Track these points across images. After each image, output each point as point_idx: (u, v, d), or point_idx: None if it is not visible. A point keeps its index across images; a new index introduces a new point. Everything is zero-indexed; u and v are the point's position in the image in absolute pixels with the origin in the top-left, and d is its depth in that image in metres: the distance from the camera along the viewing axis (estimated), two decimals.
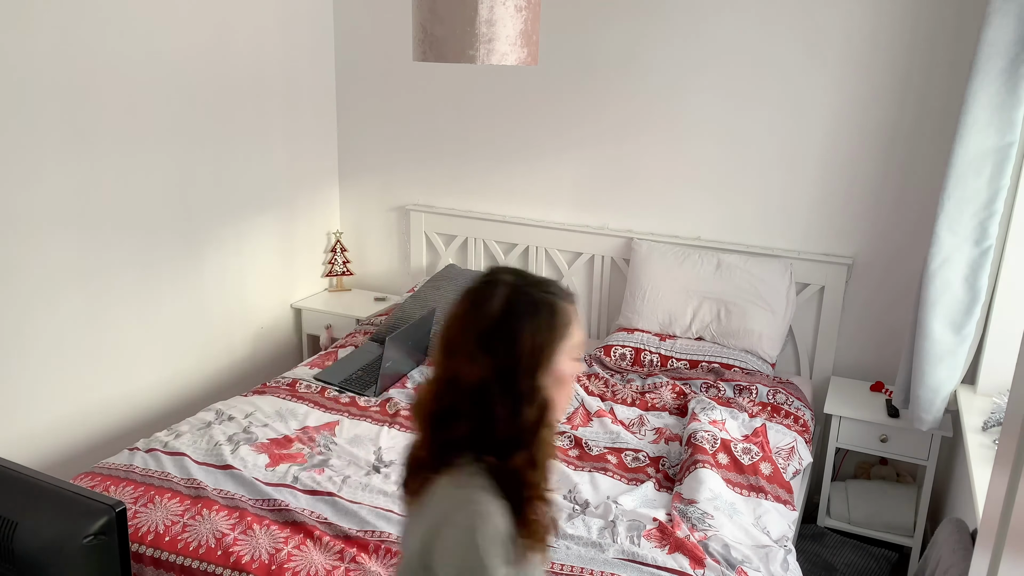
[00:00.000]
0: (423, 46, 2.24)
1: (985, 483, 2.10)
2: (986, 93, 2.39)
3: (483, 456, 1.18)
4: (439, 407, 1.21)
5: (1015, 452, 0.88)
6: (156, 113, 2.95)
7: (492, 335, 1.17)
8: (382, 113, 3.82)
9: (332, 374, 2.96)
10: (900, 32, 2.90)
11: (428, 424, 1.23)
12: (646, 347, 3.11)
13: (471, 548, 1.11)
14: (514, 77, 3.52)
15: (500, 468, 1.17)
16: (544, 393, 1.17)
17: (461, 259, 3.81)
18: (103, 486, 2.24)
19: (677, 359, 3.05)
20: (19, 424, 2.65)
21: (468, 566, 1.11)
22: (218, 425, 2.59)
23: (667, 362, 3.06)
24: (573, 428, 2.67)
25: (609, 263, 3.50)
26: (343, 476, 2.34)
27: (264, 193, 3.54)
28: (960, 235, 2.50)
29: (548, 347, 1.18)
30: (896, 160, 3.01)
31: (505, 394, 1.15)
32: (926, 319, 2.60)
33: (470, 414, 1.17)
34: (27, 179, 2.55)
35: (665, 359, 3.07)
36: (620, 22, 3.28)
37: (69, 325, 2.76)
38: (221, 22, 3.17)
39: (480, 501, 1.14)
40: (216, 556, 2.02)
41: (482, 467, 1.18)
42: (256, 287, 3.60)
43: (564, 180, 3.54)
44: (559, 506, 2.22)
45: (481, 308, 1.19)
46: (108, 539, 1.53)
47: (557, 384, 1.19)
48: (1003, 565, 0.90)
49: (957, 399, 2.66)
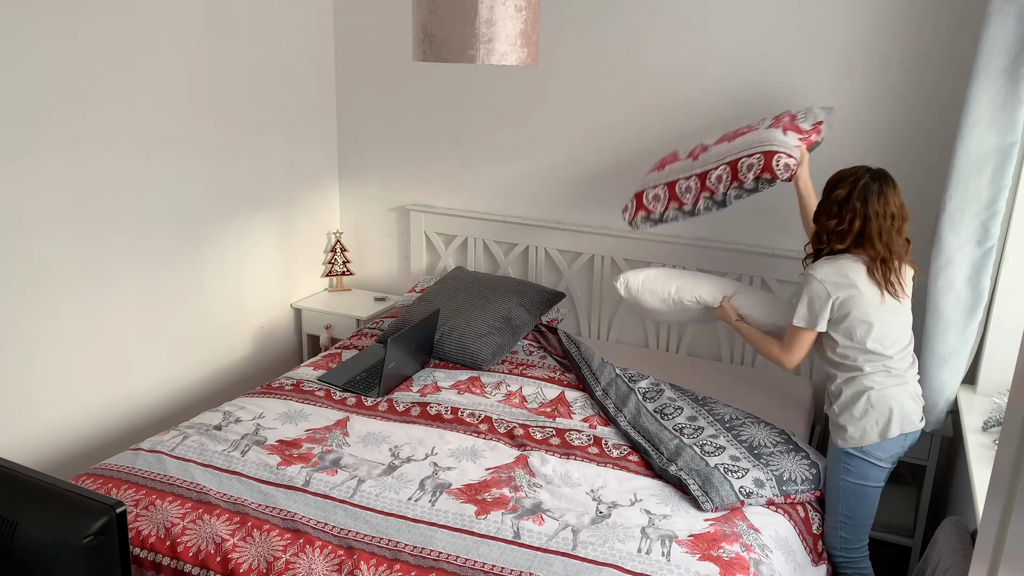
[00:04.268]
0: (423, 46, 2.24)
1: (985, 483, 2.09)
2: (987, 93, 2.39)
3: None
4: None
5: (1015, 452, 0.88)
6: (156, 113, 2.95)
7: None
8: (382, 113, 3.82)
9: (336, 376, 2.96)
10: (900, 32, 2.90)
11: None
12: (679, 177, 2.76)
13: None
14: (514, 77, 3.52)
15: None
16: None
17: (461, 259, 3.82)
18: (104, 488, 2.23)
19: (714, 169, 2.66)
20: (19, 424, 2.65)
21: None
22: (226, 427, 2.58)
23: (705, 179, 2.66)
24: (592, 428, 2.68)
25: (609, 263, 3.50)
26: (357, 478, 2.33)
27: (264, 193, 3.55)
28: (962, 236, 2.50)
29: None
30: (897, 161, 3.00)
31: None
32: (929, 321, 2.60)
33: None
34: (27, 179, 2.55)
35: (702, 176, 2.68)
36: (620, 22, 3.28)
37: (69, 325, 2.76)
38: (221, 22, 3.17)
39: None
40: (214, 562, 2.01)
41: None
42: (256, 287, 3.60)
43: (564, 180, 3.54)
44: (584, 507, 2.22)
45: None
46: (108, 539, 1.53)
47: None
48: (1003, 565, 0.90)
49: (957, 399, 2.66)
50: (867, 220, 2.22)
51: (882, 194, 2.23)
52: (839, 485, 2.37)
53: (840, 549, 2.41)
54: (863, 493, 2.35)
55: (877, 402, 2.27)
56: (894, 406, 2.27)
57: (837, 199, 2.27)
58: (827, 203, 2.31)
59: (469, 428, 2.63)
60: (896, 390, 2.29)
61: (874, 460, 2.31)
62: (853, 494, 2.35)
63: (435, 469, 2.39)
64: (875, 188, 2.23)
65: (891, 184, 2.26)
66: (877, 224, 2.22)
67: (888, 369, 2.29)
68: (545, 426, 2.67)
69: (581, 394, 2.89)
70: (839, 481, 2.36)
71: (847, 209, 2.24)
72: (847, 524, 2.38)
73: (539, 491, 2.29)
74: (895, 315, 2.29)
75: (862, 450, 2.31)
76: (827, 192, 2.33)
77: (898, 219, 2.24)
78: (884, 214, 2.23)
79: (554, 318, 3.46)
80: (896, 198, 2.25)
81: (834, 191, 2.29)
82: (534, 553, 2.02)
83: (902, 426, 2.29)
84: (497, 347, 3.09)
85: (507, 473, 2.37)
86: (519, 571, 1.95)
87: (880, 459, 2.31)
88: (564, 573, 1.95)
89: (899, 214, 2.25)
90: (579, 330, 3.65)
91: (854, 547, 2.41)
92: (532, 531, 2.10)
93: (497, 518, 2.15)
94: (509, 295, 3.27)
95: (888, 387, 2.28)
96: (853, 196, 2.24)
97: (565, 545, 2.05)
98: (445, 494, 2.26)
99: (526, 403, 2.83)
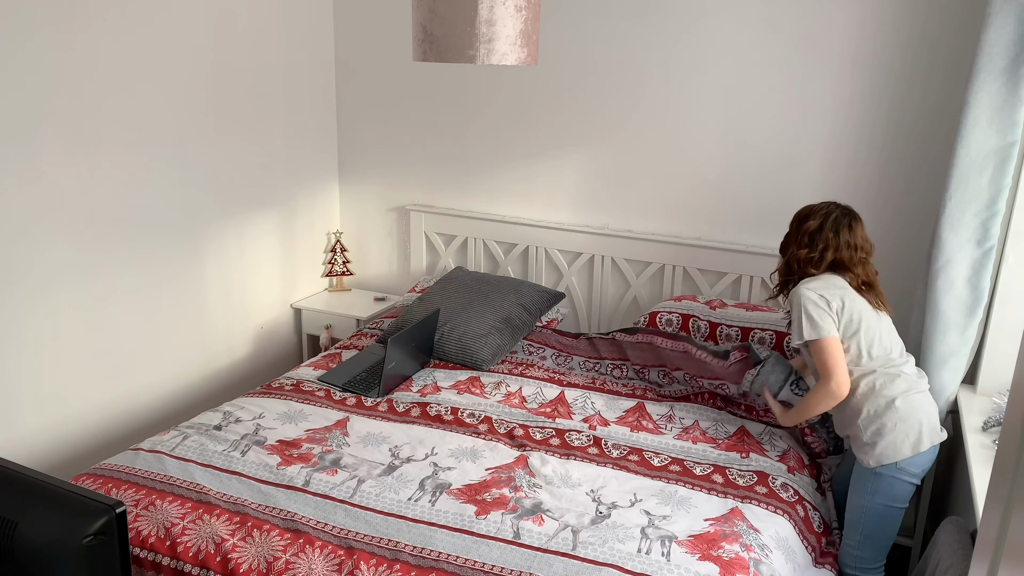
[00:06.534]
0: (423, 46, 2.24)
1: (985, 483, 2.09)
2: (987, 93, 2.39)
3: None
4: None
5: (1015, 452, 0.88)
6: (156, 113, 2.96)
7: None
8: (382, 113, 3.82)
9: (336, 376, 2.96)
10: (901, 32, 2.90)
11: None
12: (694, 313, 3.06)
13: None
14: (514, 77, 3.52)
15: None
16: None
17: (461, 259, 3.82)
18: (104, 488, 2.23)
19: (728, 326, 3.00)
20: (19, 424, 2.65)
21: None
22: (226, 427, 2.58)
23: (716, 330, 3.00)
24: (591, 428, 2.68)
25: (609, 263, 3.50)
26: (357, 479, 2.33)
27: (264, 193, 3.55)
28: (962, 236, 2.50)
29: None
30: (897, 161, 3.01)
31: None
32: (929, 321, 2.60)
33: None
34: (27, 178, 2.55)
35: (715, 326, 3.01)
36: (620, 22, 3.28)
37: (69, 324, 2.76)
38: (221, 22, 3.17)
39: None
40: (214, 562, 2.01)
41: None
42: (256, 287, 3.60)
43: (564, 180, 3.54)
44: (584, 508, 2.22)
45: None
46: (108, 539, 1.54)
47: None
48: (1003, 565, 0.90)
49: (957, 399, 2.66)
50: (839, 250, 2.34)
51: (852, 228, 2.36)
52: (863, 504, 2.30)
53: (855, 568, 2.36)
54: (888, 514, 2.29)
55: (905, 412, 2.22)
56: (923, 416, 2.23)
57: (808, 230, 2.37)
58: (798, 234, 2.41)
59: (469, 428, 2.63)
60: (919, 397, 2.26)
61: (907, 478, 2.25)
62: (878, 515, 2.29)
63: (435, 469, 2.39)
64: (845, 221, 2.36)
65: (858, 220, 2.39)
66: (849, 253, 2.33)
67: (906, 377, 2.27)
68: (545, 426, 2.67)
69: (581, 393, 2.89)
70: (864, 500, 2.30)
71: (819, 239, 2.35)
72: (866, 544, 2.32)
73: (539, 491, 2.29)
74: (890, 328, 2.34)
75: (896, 467, 2.24)
76: (797, 224, 2.43)
77: (862, 251, 2.36)
78: (853, 245, 2.34)
79: (554, 318, 3.46)
80: (862, 232, 2.38)
81: (805, 223, 2.39)
82: (534, 553, 2.02)
83: (932, 437, 2.24)
84: (497, 347, 3.09)
85: (507, 473, 2.37)
86: (519, 571, 1.95)
87: (913, 475, 2.25)
88: (564, 573, 1.95)
89: (864, 247, 2.37)
90: (579, 330, 3.65)
91: (869, 567, 2.35)
92: (532, 531, 2.10)
93: (497, 518, 2.15)
94: (509, 295, 3.27)
95: (911, 394, 2.25)
96: (825, 227, 2.35)
97: (565, 545, 2.05)
98: (445, 494, 2.26)
99: (526, 403, 2.83)
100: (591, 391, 2.92)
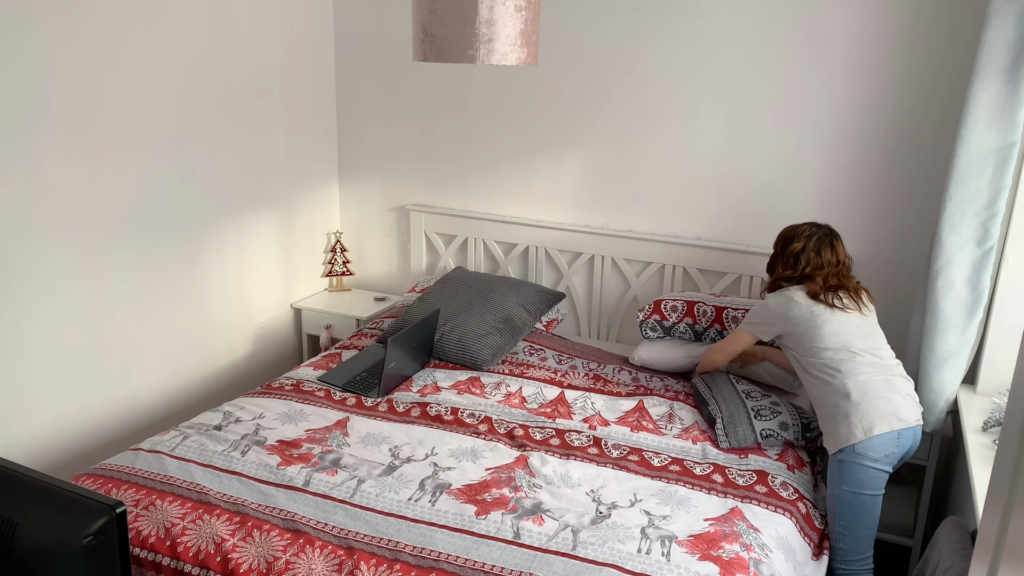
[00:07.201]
0: (423, 46, 2.24)
1: (985, 483, 2.09)
2: (987, 93, 2.39)
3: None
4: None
5: (1015, 452, 0.88)
6: (156, 113, 2.96)
7: None
8: (382, 113, 3.82)
9: (336, 376, 2.96)
10: (901, 32, 2.90)
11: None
12: (700, 300, 3.10)
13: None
14: (514, 77, 3.52)
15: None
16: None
17: (461, 259, 3.82)
18: (104, 488, 2.23)
19: (734, 308, 3.03)
20: (19, 424, 2.65)
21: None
22: (226, 427, 2.58)
23: (723, 312, 3.03)
24: (591, 428, 2.68)
25: (609, 263, 3.50)
26: (357, 479, 2.33)
27: (264, 193, 3.55)
28: (962, 236, 2.50)
29: None
30: (897, 161, 3.01)
31: None
32: (929, 321, 2.60)
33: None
34: (27, 178, 2.55)
35: (720, 309, 3.04)
36: (620, 22, 3.28)
37: (69, 324, 2.76)
38: (221, 22, 3.17)
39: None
40: (214, 562, 2.01)
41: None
42: (256, 287, 3.60)
43: (564, 180, 3.54)
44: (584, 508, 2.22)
45: None
46: (108, 539, 1.53)
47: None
48: (1003, 565, 0.90)
49: (957, 399, 2.66)
50: (821, 268, 2.54)
51: (833, 247, 2.56)
52: (834, 493, 2.36)
53: (840, 561, 2.39)
54: (858, 502, 2.33)
55: (857, 397, 2.32)
56: (877, 401, 2.31)
57: (794, 252, 2.58)
58: (784, 256, 2.61)
59: (469, 428, 2.63)
60: (875, 382, 2.34)
61: (867, 463, 2.30)
62: (848, 503, 2.34)
63: (435, 469, 2.39)
64: (827, 241, 2.57)
65: (838, 238, 2.60)
66: (827, 270, 2.53)
67: (862, 364, 2.36)
68: (545, 426, 2.67)
69: (581, 394, 2.89)
70: (833, 489, 2.36)
71: (803, 259, 2.56)
72: (844, 535, 2.36)
73: (539, 491, 2.29)
74: (852, 323, 2.44)
75: (853, 451, 2.30)
76: (782, 246, 2.62)
77: (843, 266, 2.57)
78: (834, 262, 2.55)
79: (554, 318, 3.46)
80: (842, 249, 2.59)
81: (790, 245, 2.59)
82: (534, 553, 2.02)
83: (890, 422, 2.28)
84: (497, 347, 3.09)
85: (507, 473, 2.37)
86: (519, 571, 1.95)
87: (873, 460, 2.29)
88: (564, 573, 1.95)
89: (844, 261, 2.58)
90: (579, 330, 3.65)
91: (852, 559, 2.38)
92: (532, 531, 2.10)
93: (497, 518, 2.15)
94: (509, 295, 3.27)
95: (866, 380, 2.34)
96: (809, 248, 2.56)
97: (565, 545, 2.05)
98: (445, 494, 2.26)
99: (526, 403, 2.83)
100: (591, 392, 2.92)
